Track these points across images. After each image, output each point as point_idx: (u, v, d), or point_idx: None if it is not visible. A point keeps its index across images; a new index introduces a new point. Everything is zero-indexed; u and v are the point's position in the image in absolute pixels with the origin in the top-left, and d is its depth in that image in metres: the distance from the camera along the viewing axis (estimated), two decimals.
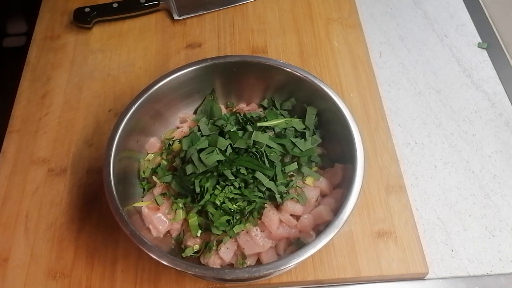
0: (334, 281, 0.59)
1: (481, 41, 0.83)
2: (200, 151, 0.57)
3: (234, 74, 0.65)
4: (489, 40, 0.82)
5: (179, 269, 0.49)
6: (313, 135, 0.63)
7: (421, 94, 0.77)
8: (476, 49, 0.82)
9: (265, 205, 0.57)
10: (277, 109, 0.66)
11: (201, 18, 0.85)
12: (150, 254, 0.50)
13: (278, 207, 0.58)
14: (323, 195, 0.60)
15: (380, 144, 0.69)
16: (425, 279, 0.60)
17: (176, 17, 0.84)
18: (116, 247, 0.62)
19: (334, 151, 0.62)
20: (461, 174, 0.69)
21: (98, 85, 0.77)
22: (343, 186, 0.57)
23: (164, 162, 0.63)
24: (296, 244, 0.56)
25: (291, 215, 0.57)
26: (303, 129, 0.62)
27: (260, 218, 0.57)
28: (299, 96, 0.64)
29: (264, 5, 0.86)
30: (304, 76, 0.62)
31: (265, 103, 0.67)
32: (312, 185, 0.60)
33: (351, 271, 0.59)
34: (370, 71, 0.76)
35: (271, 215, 0.56)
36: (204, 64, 0.63)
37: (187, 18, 0.84)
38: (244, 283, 0.59)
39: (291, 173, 0.60)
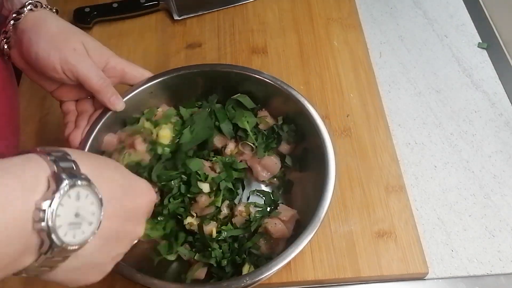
0: (334, 281, 0.59)
1: (481, 41, 0.83)
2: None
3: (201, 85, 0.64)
4: (489, 40, 0.82)
5: None
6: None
7: (421, 94, 0.77)
8: (476, 49, 0.82)
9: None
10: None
11: (201, 18, 0.85)
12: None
13: None
14: None
15: (380, 144, 0.69)
16: (425, 279, 0.60)
17: (176, 17, 0.84)
18: None
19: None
20: (461, 174, 0.69)
21: None
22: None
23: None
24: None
25: None
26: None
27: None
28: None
29: (264, 5, 0.86)
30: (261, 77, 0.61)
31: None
32: None
33: (351, 271, 0.59)
34: (370, 71, 0.76)
35: None
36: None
37: (187, 18, 0.84)
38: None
39: None
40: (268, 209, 0.60)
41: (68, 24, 0.56)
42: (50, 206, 0.31)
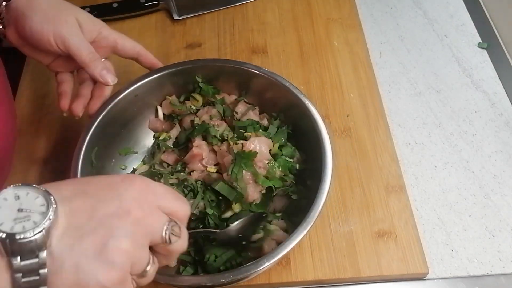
0: (334, 281, 0.59)
1: (481, 41, 0.83)
2: None
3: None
4: (489, 40, 0.82)
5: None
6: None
7: (421, 94, 0.77)
8: (476, 49, 0.82)
9: None
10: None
11: (201, 18, 0.85)
12: None
13: None
14: None
15: (380, 144, 0.69)
16: (425, 279, 0.60)
17: (176, 17, 0.84)
18: None
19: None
20: (461, 174, 0.69)
21: None
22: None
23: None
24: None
25: None
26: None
27: None
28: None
29: (264, 5, 0.86)
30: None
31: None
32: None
33: (351, 271, 0.59)
34: (370, 71, 0.76)
35: None
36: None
37: (187, 18, 0.84)
38: (243, 283, 0.59)
39: None
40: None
41: None
42: None
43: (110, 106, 0.60)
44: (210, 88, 0.65)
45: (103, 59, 0.59)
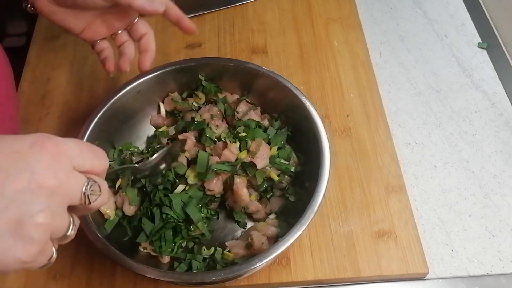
0: (334, 281, 0.59)
1: (481, 41, 0.83)
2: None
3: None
4: (489, 40, 0.82)
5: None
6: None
7: (421, 94, 0.77)
8: (476, 49, 0.82)
9: None
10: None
11: (201, 18, 0.85)
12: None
13: None
14: None
15: (380, 144, 0.69)
16: (425, 279, 0.60)
17: None
18: None
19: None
20: (461, 174, 0.69)
21: (98, 85, 0.77)
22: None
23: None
24: None
25: None
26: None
27: None
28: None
29: (264, 5, 0.86)
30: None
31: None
32: None
33: (351, 271, 0.59)
34: (370, 71, 0.76)
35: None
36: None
37: None
38: (243, 282, 0.59)
39: None
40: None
41: None
42: None
43: (112, 100, 0.60)
44: (213, 87, 0.65)
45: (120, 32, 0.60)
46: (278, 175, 0.60)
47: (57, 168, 0.33)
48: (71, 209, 0.35)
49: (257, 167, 0.58)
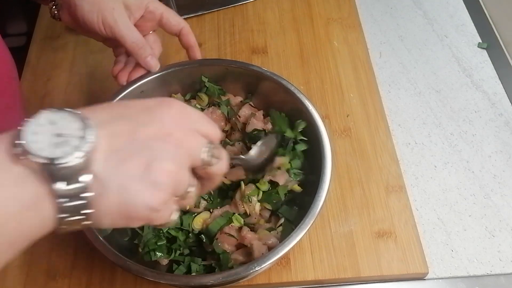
0: (334, 281, 0.59)
1: (481, 41, 0.83)
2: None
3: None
4: (489, 40, 0.82)
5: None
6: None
7: (421, 94, 0.77)
8: (476, 49, 0.82)
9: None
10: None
11: (201, 18, 0.85)
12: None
13: None
14: None
15: (380, 144, 0.69)
16: (425, 279, 0.60)
17: None
18: None
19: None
20: (461, 174, 0.69)
21: (98, 85, 0.77)
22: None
23: None
24: None
25: None
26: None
27: None
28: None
29: (264, 5, 0.86)
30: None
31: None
32: None
33: (351, 271, 0.59)
34: (370, 71, 0.76)
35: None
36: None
37: (187, 18, 0.84)
38: (243, 282, 0.59)
39: None
40: None
41: None
42: (21, 138, 0.30)
43: (115, 100, 0.60)
44: (216, 89, 0.65)
45: (151, 32, 0.63)
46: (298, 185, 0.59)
47: (183, 124, 0.36)
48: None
49: (280, 184, 0.58)
